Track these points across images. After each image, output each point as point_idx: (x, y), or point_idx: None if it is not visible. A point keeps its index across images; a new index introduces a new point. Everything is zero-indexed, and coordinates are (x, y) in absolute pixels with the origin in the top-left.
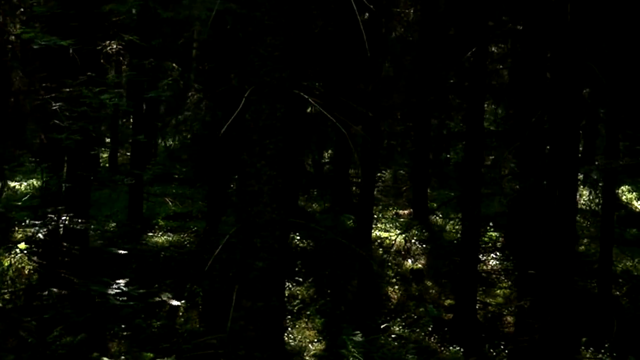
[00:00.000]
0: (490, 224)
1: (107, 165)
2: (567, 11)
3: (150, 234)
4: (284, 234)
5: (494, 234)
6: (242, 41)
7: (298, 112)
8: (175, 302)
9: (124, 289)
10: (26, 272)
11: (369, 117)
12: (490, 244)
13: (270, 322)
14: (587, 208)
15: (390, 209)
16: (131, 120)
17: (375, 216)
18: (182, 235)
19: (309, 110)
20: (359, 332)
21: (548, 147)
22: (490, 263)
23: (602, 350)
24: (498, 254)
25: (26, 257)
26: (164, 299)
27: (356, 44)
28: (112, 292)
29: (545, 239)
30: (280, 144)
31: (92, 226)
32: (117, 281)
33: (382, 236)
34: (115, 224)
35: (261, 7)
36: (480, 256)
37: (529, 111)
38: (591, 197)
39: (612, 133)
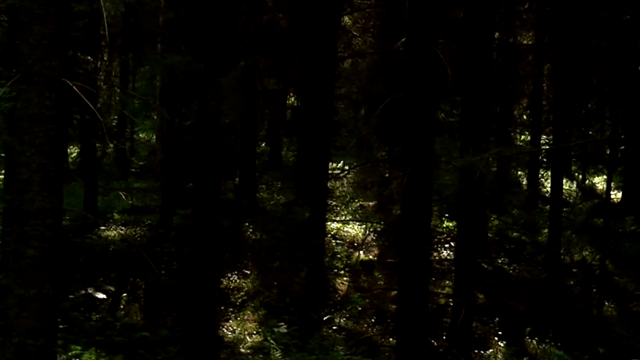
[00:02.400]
0: (447, 214)
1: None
2: None
3: (103, 227)
4: (57, 221)
5: (450, 224)
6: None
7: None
8: (100, 295)
9: None
10: None
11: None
12: (445, 234)
13: (44, 309)
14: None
15: (356, 200)
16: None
17: (339, 208)
18: (135, 229)
19: None
20: (283, 323)
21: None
22: (443, 254)
23: (547, 340)
24: (452, 244)
25: None
26: (90, 292)
27: None
28: None
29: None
30: (50, 132)
31: None
32: None
33: (339, 228)
34: (68, 217)
35: None
36: (435, 247)
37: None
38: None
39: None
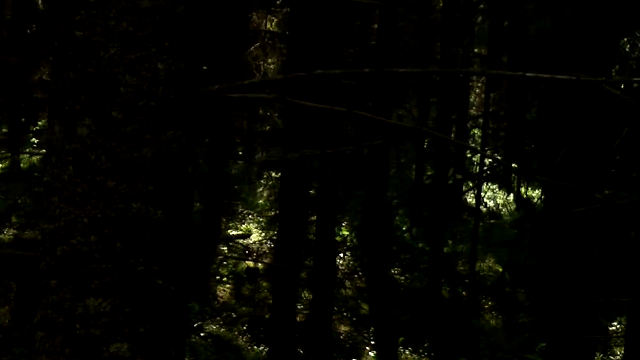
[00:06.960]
0: (343, 223)
1: None
2: None
3: None
4: None
5: (345, 232)
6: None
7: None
8: None
9: None
10: None
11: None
12: (341, 243)
13: None
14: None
15: (274, 209)
16: None
17: (251, 216)
18: (29, 232)
19: None
20: None
21: None
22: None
23: (421, 350)
24: (348, 253)
25: None
26: None
27: None
28: None
29: None
30: None
31: None
32: None
33: (237, 234)
34: None
35: None
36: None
37: None
38: None
39: None
